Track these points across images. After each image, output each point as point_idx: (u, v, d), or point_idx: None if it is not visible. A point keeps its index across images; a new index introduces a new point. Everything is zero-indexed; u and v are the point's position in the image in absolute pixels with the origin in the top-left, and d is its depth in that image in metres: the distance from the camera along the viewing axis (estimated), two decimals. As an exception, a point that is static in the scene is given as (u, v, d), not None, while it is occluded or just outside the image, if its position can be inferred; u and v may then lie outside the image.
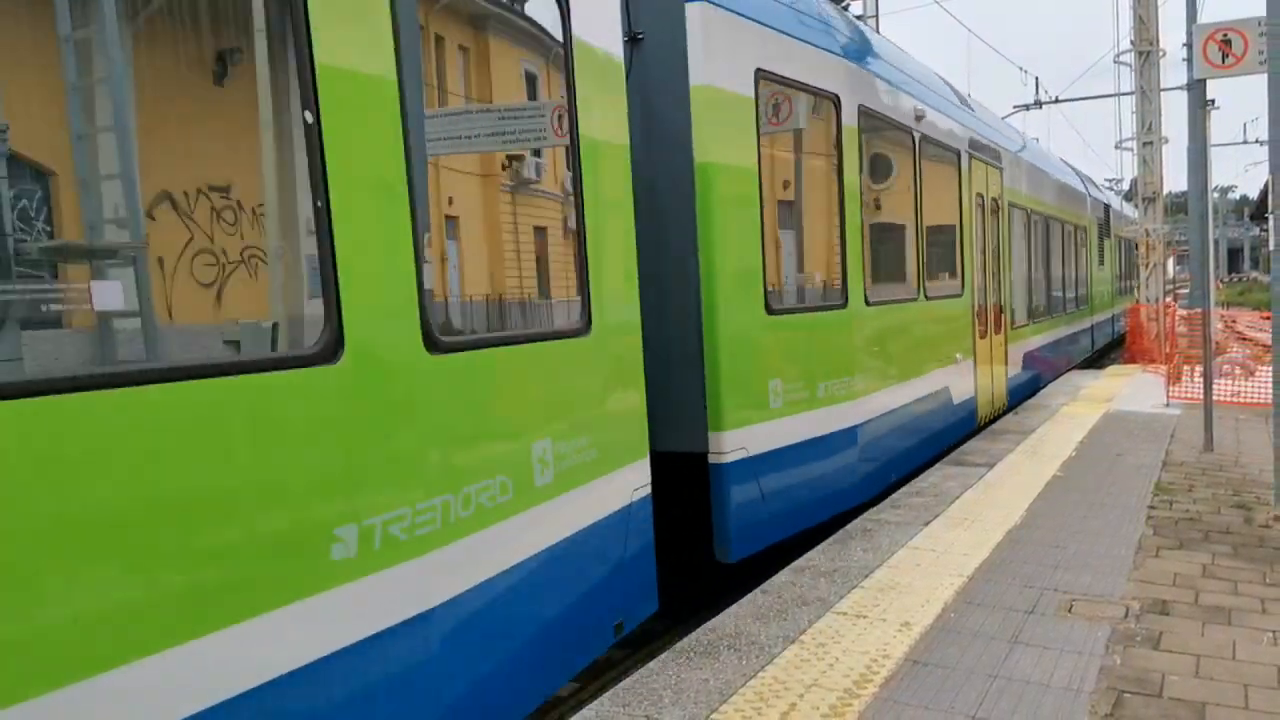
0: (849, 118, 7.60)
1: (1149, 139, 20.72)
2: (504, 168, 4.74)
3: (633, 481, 5.08)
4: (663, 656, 4.60)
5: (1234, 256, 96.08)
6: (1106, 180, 38.79)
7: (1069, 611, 5.08)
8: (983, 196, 11.48)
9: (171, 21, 3.34)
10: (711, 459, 6.09)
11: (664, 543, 5.49)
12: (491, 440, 3.98)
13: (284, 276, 3.54)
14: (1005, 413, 12.42)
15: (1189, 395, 12.81)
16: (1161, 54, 20.70)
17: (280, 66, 3.26)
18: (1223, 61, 8.92)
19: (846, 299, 7.51)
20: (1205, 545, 6.25)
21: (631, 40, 5.97)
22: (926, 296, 9.45)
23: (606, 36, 4.98)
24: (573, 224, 4.72)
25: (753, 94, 6.42)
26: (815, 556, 6.15)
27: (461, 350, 3.82)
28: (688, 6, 5.99)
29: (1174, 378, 13.65)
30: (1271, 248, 6.86)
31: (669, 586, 5.68)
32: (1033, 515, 7.07)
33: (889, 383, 8.35)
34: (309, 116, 3.10)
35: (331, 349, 3.12)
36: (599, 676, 5.75)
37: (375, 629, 3.26)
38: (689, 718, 3.96)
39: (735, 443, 6.17)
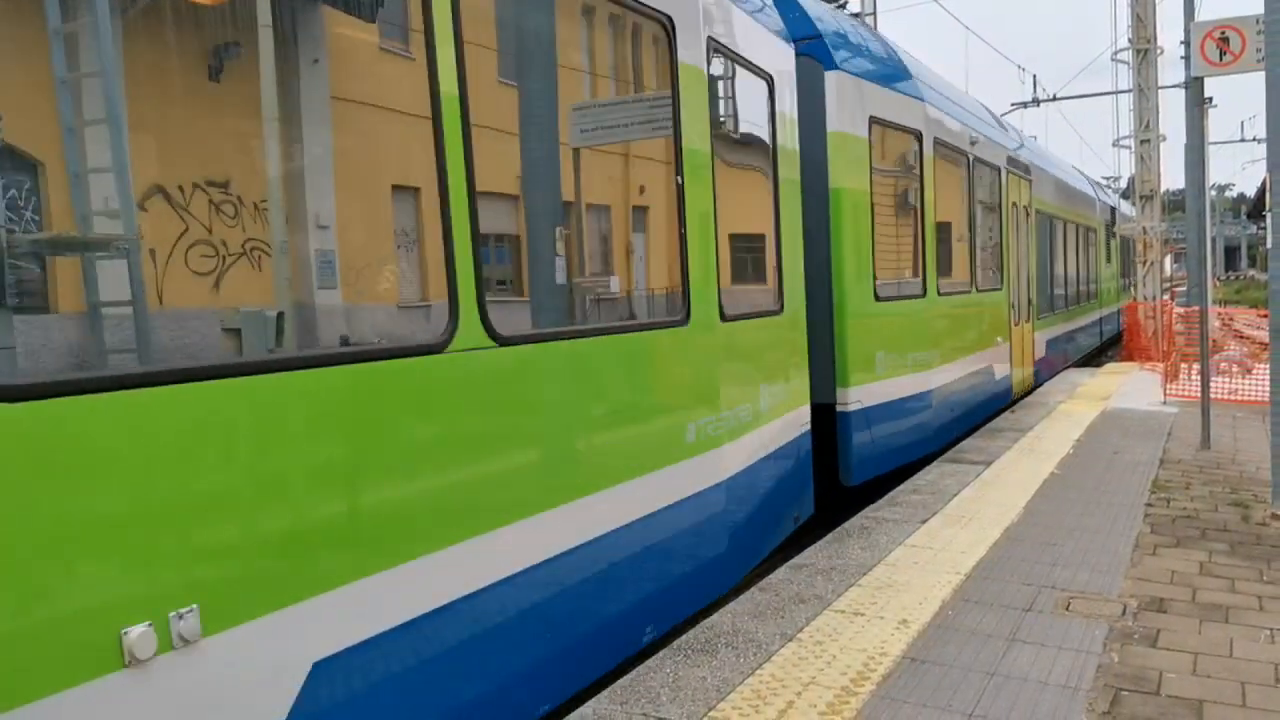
0: (928, 148, 9.63)
1: (1146, 137, 20.75)
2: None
3: (803, 418, 7.28)
4: (660, 654, 4.60)
5: (1231, 254, 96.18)
6: (1104, 178, 38.84)
7: (1066, 609, 5.09)
8: (1016, 205, 13.43)
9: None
10: (839, 408, 8.16)
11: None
12: (744, 381, 6.09)
13: (677, 280, 5.49)
14: (1032, 390, 14.38)
15: (1186, 393, 12.83)
16: (1159, 52, 20.72)
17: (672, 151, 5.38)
18: (1220, 59, 8.92)
19: (925, 290, 9.59)
20: (1202, 543, 6.26)
21: None
22: (977, 289, 11.40)
23: (793, 112, 7.31)
24: (773, 238, 6.86)
25: (867, 135, 8.46)
26: (813, 554, 6.15)
27: (733, 321, 5.90)
28: (826, 74, 8.11)
29: (1171, 375, 13.67)
30: (1269, 246, 6.86)
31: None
32: (1030, 513, 7.07)
33: (953, 358, 10.37)
34: (679, 179, 5.34)
35: (684, 318, 5.32)
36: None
37: (701, 487, 5.43)
38: (687, 715, 3.95)
39: (855, 397, 8.23)
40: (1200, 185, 10.95)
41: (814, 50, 8.08)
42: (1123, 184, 37.38)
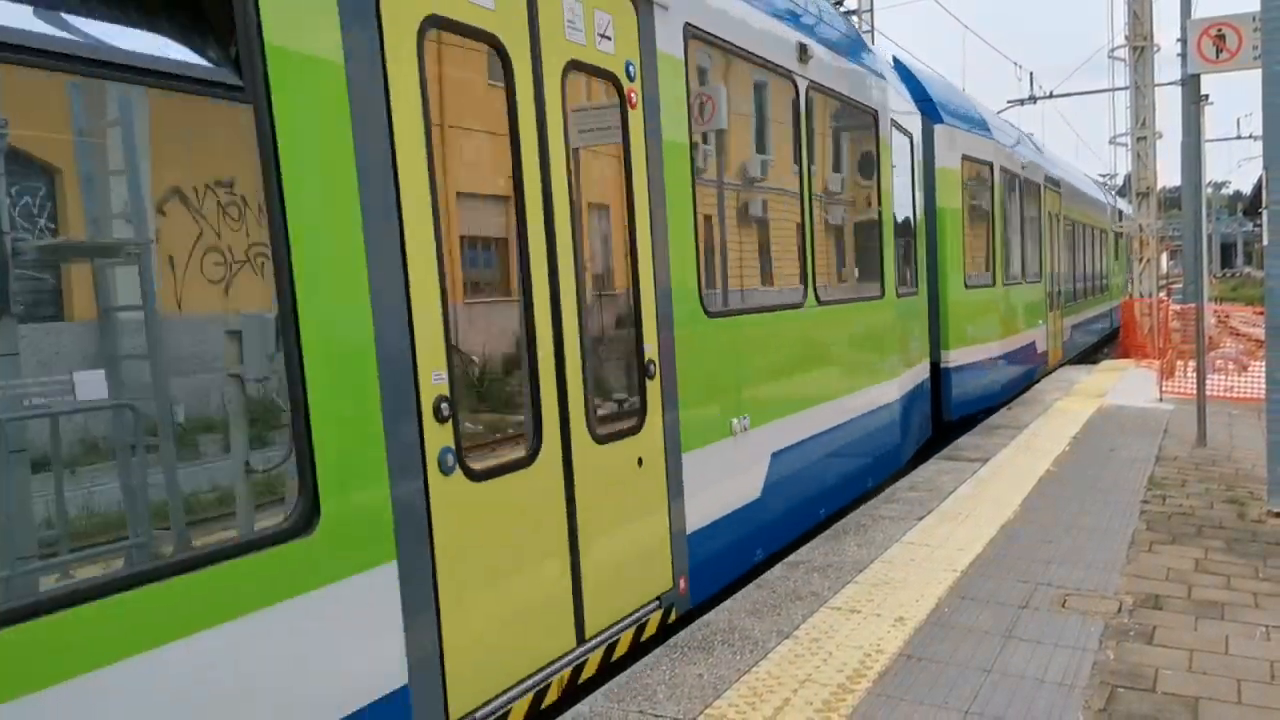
0: (998, 176, 13.28)
1: (1143, 134, 20.76)
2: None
3: (926, 369, 10.62)
4: (657, 652, 4.60)
5: (1227, 252, 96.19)
6: (1101, 175, 38.83)
7: (1063, 606, 5.09)
8: (1051, 214, 17.20)
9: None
10: (943, 365, 11.41)
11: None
12: (902, 336, 9.24)
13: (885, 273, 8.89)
14: (1059, 365, 17.87)
15: (1182, 390, 12.84)
16: (1156, 49, 20.72)
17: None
18: (1217, 57, 8.92)
19: (994, 280, 13.17)
20: (1198, 540, 6.27)
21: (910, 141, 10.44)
22: (1026, 281, 14.96)
23: (920, 156, 10.69)
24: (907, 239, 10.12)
25: (959, 168, 12.02)
26: (809, 551, 6.16)
27: (901, 298, 9.15)
28: (936, 127, 11.58)
29: (1167, 373, 13.68)
30: (1266, 243, 6.86)
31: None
32: (1026, 510, 7.08)
33: (1013, 333, 13.88)
34: (880, 209, 8.76)
35: (881, 294, 8.58)
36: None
37: (901, 394, 9.00)
38: (683, 713, 3.95)
39: (952, 358, 11.54)
40: (1196, 182, 10.96)
41: (927, 110, 11.47)
42: (1119, 181, 37.38)
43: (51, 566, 3.04)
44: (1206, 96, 9.83)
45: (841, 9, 11.05)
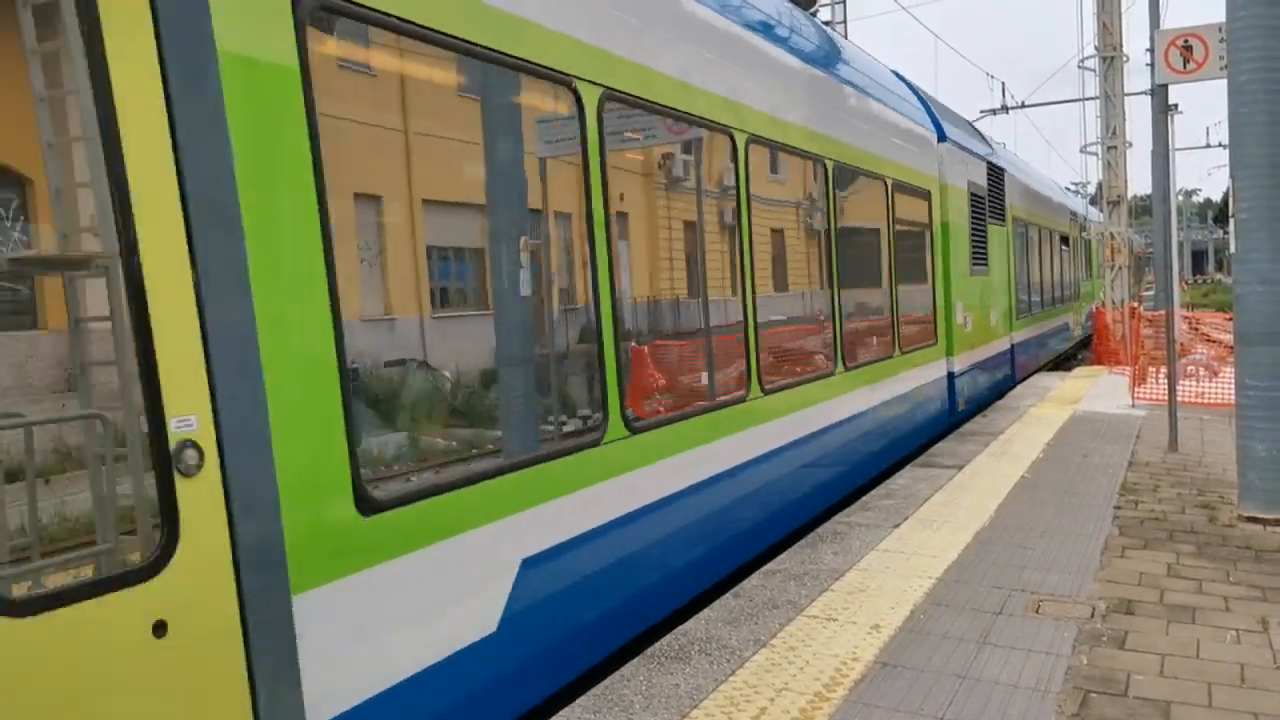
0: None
1: (1113, 143, 20.98)
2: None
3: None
4: (634, 662, 4.59)
5: (1198, 258, 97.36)
6: (1072, 184, 39.22)
7: (1036, 612, 5.12)
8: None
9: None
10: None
11: None
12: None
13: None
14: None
15: (1154, 396, 12.97)
16: (1125, 60, 20.97)
17: None
18: (1184, 67, 9.05)
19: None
20: (1170, 545, 6.33)
21: None
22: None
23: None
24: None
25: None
26: (786, 560, 6.17)
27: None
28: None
29: (1139, 379, 13.82)
30: (1233, 250, 6.96)
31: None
32: (1001, 516, 7.12)
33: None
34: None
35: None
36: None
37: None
38: (660, 723, 3.94)
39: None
40: (1166, 191, 11.10)
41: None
42: (1091, 189, 37.76)
43: None
44: (1175, 106, 10.01)
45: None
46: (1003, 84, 29.12)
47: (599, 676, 4.61)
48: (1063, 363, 21.84)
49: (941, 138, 11.48)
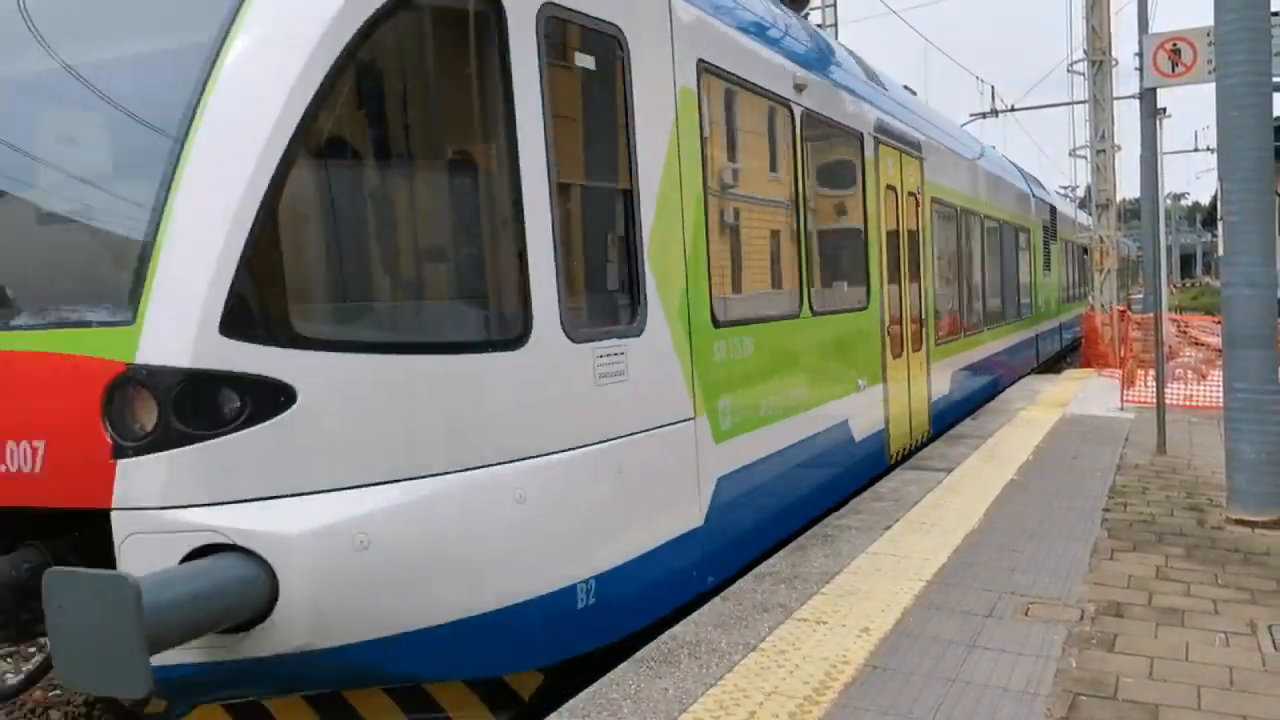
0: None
1: (1102, 147, 21.05)
2: None
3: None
4: (622, 666, 4.57)
5: (1187, 262, 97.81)
6: (1061, 187, 39.42)
7: (1026, 614, 5.12)
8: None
9: None
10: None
11: None
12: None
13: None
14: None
15: (1143, 399, 13.01)
16: (1114, 64, 21.05)
17: None
18: (1173, 71, 9.09)
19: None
20: (1159, 547, 6.34)
21: None
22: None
23: None
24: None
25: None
26: (776, 563, 6.16)
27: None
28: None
29: (1128, 381, 13.86)
30: (1221, 253, 6.98)
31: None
32: (991, 519, 7.13)
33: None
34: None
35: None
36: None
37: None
38: (648, 727, 3.93)
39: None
40: (1155, 194, 11.14)
41: None
42: (1080, 193, 37.91)
43: None
44: (1164, 110, 10.02)
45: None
46: (992, 88, 29.21)
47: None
48: (1052, 365, 21.92)
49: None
